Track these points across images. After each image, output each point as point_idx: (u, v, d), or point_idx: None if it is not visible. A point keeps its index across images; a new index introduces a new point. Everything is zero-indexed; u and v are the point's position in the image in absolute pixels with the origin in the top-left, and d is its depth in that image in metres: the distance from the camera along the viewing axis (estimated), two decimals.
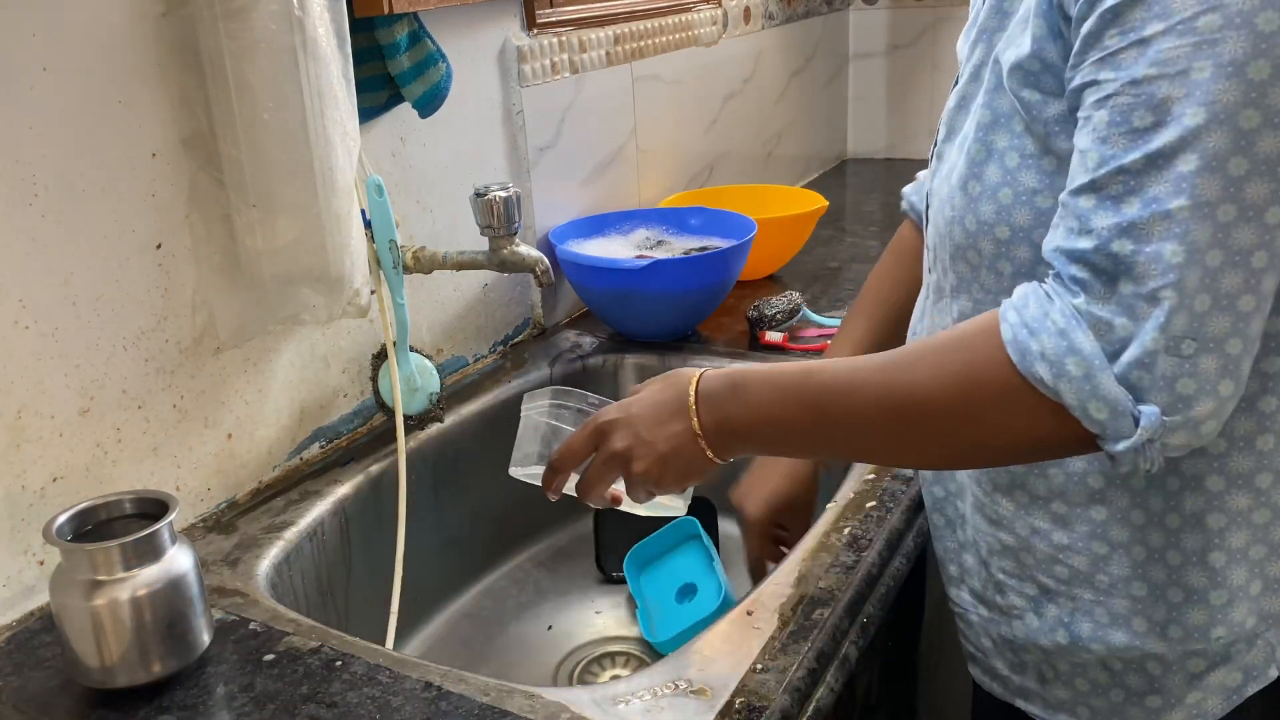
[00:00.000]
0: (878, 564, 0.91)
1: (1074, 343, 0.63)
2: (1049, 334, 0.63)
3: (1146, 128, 0.61)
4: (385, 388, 1.17)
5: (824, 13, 2.38)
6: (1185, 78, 0.59)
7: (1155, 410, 0.62)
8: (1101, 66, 0.63)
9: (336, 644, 0.82)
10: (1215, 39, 0.59)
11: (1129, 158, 0.61)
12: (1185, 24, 0.59)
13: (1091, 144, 0.63)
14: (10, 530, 0.87)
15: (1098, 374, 0.62)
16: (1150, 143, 0.61)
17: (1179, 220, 0.60)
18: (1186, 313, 0.60)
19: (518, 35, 1.38)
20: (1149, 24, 0.60)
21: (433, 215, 1.27)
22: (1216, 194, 0.59)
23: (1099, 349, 0.62)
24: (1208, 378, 0.61)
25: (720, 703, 0.74)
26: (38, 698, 0.78)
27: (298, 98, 0.91)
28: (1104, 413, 0.62)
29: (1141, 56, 0.61)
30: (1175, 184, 0.60)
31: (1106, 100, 0.63)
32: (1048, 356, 0.63)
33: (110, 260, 0.91)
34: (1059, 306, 0.64)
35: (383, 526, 1.11)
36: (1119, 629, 0.77)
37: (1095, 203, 0.63)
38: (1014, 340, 0.65)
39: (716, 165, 1.94)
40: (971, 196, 0.75)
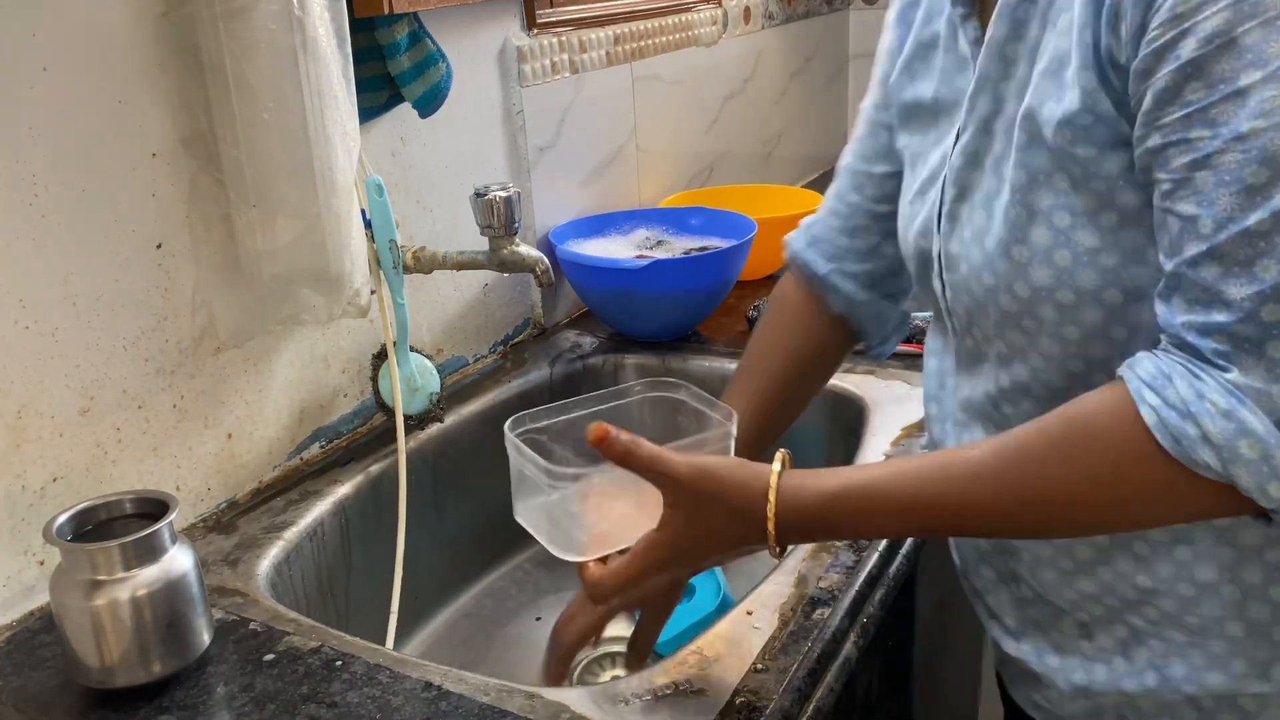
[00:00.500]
0: (878, 564, 0.91)
1: (1244, 424, 0.58)
2: (1209, 416, 0.59)
3: (1263, 184, 0.57)
4: (385, 388, 1.17)
5: (824, 13, 2.38)
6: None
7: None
8: (1190, 124, 0.59)
9: (336, 644, 0.82)
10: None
11: (1252, 219, 0.57)
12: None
13: (1200, 209, 0.59)
14: (10, 530, 0.87)
15: (1275, 452, 0.58)
16: (1273, 199, 0.57)
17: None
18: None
19: (518, 35, 1.38)
20: (1242, 74, 0.57)
21: (433, 215, 1.27)
22: None
23: (1271, 427, 0.58)
24: None
25: (720, 703, 0.74)
26: (38, 698, 0.78)
27: (298, 98, 0.91)
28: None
29: (1241, 109, 0.57)
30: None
31: (1208, 160, 0.58)
32: (1213, 441, 0.59)
33: (110, 260, 0.91)
34: (1213, 385, 0.59)
35: (383, 526, 1.11)
36: (1216, 670, 0.72)
37: (1222, 271, 0.59)
38: (1162, 425, 0.60)
39: (716, 165, 1.94)
40: (1019, 262, 0.70)
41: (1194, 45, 0.58)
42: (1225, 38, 0.57)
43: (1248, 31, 0.57)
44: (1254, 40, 0.56)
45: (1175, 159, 0.60)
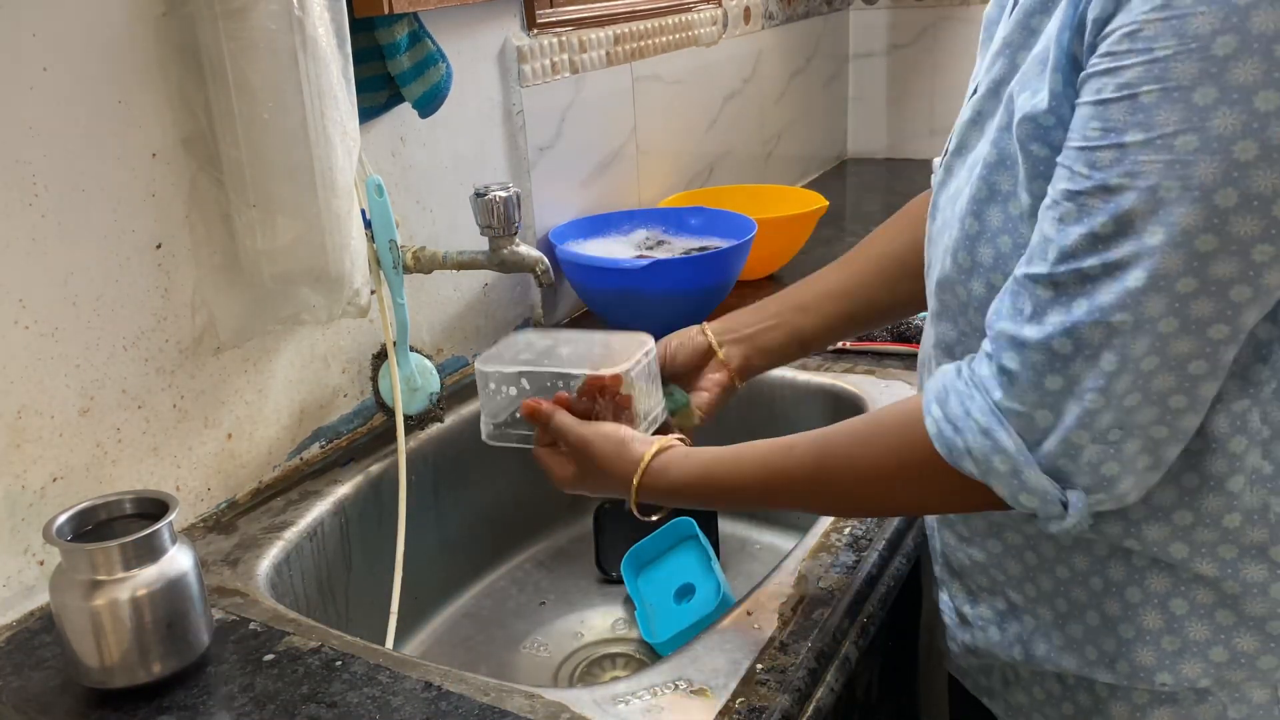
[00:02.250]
0: (878, 564, 0.91)
1: (998, 442, 0.66)
2: (972, 433, 0.67)
3: (1108, 235, 0.61)
4: (385, 388, 1.17)
5: (824, 13, 2.38)
6: (1153, 195, 0.59)
7: (1081, 494, 0.65)
8: (1079, 157, 0.63)
9: (336, 644, 0.82)
10: (1189, 160, 0.58)
11: (1087, 263, 0.62)
12: (1164, 140, 0.59)
13: (1056, 235, 0.64)
14: (10, 530, 0.87)
15: (1023, 469, 0.65)
16: (1108, 253, 0.61)
17: (1120, 332, 0.62)
18: (1115, 410, 0.63)
19: (518, 35, 1.38)
20: (1129, 130, 0.60)
21: (433, 215, 1.27)
22: (1162, 310, 0.61)
23: (1022, 445, 0.65)
24: (1129, 458, 0.64)
25: (720, 703, 0.74)
26: (38, 698, 0.78)
27: (298, 98, 0.91)
28: (1034, 501, 0.66)
29: (1117, 163, 0.61)
30: (1121, 298, 0.61)
31: (1077, 196, 0.62)
32: (974, 454, 0.67)
33: (110, 260, 0.91)
34: (979, 404, 0.67)
35: (383, 526, 1.11)
36: (1072, 654, 0.77)
37: (1052, 296, 0.64)
38: (939, 435, 0.69)
39: (716, 165, 1.94)
40: (970, 234, 0.73)
41: (1112, 87, 0.61)
42: (1131, 90, 0.60)
43: (1149, 93, 0.59)
44: (1149, 102, 0.59)
45: (1060, 182, 0.64)
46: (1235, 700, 0.73)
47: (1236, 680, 0.72)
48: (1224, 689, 0.73)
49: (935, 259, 0.79)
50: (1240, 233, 0.58)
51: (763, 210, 1.64)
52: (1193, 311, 0.60)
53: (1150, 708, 0.75)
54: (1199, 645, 0.72)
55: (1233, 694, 0.73)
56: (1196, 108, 0.57)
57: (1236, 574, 0.70)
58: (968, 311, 0.76)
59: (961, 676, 0.90)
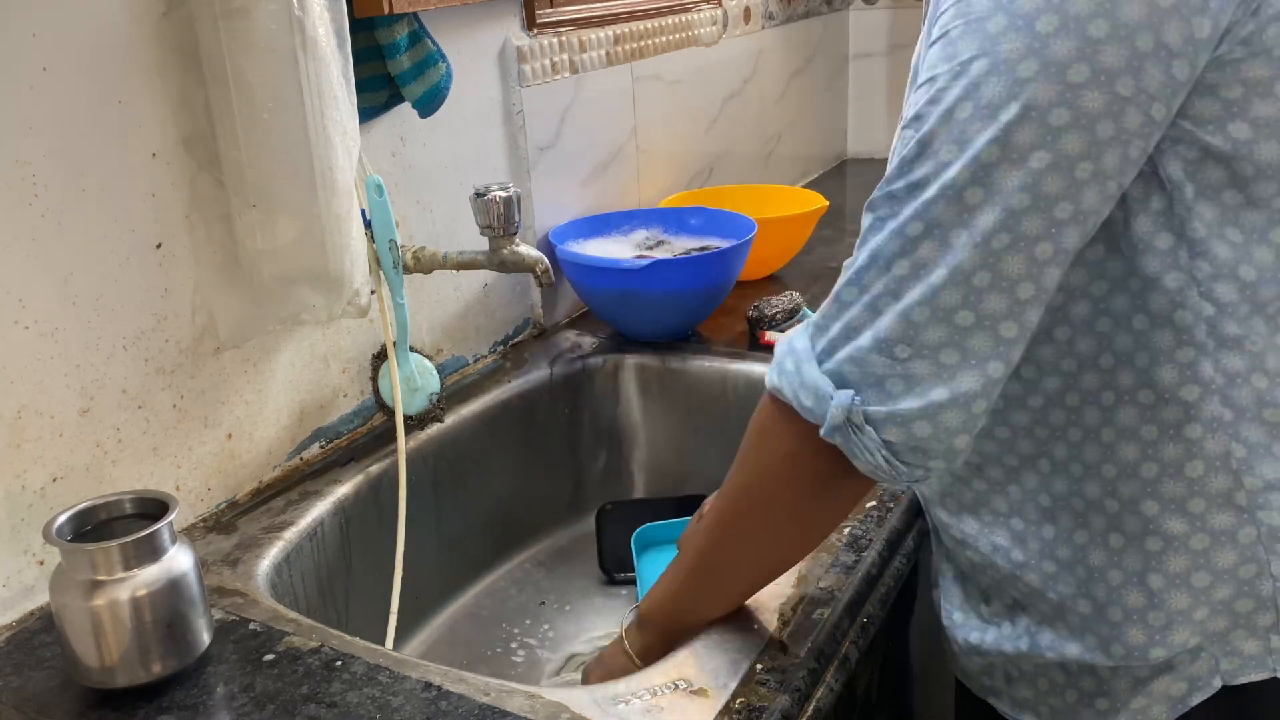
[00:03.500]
0: (878, 564, 0.91)
1: (792, 343, 0.71)
2: (779, 344, 0.72)
3: (912, 158, 0.66)
4: (385, 388, 1.18)
5: (824, 13, 2.38)
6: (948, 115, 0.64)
7: (849, 392, 0.67)
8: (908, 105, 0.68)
9: (336, 644, 0.82)
10: (980, 82, 0.63)
11: (896, 185, 0.67)
12: (962, 66, 0.64)
13: (887, 170, 0.69)
14: (10, 530, 0.87)
15: (804, 364, 0.69)
16: (913, 173, 0.66)
17: (911, 240, 0.65)
18: (903, 321, 0.65)
19: (518, 35, 1.38)
20: (939, 65, 0.65)
21: (433, 215, 1.27)
22: (951, 219, 0.64)
23: (809, 345, 0.69)
24: (918, 380, 0.65)
25: (720, 703, 0.74)
26: (38, 698, 0.78)
27: (298, 98, 0.91)
28: (810, 399, 0.68)
29: (926, 96, 0.66)
30: (918, 211, 0.65)
31: (902, 132, 0.68)
32: (776, 365, 0.72)
33: (110, 260, 0.91)
34: (798, 329, 0.72)
35: (383, 526, 1.11)
36: (1073, 642, 0.78)
37: (870, 223, 0.68)
38: (767, 374, 0.73)
39: (716, 165, 1.94)
40: None
41: (936, 35, 0.67)
42: (944, 31, 0.65)
43: (956, 28, 0.65)
44: (955, 35, 0.65)
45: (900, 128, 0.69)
46: (1227, 653, 0.74)
47: (1221, 629, 0.74)
48: (1213, 642, 0.74)
49: None
50: (1022, 142, 0.62)
51: (763, 210, 1.64)
52: (979, 222, 0.63)
53: (1150, 679, 0.76)
54: (1182, 613, 0.73)
55: (1223, 647, 0.74)
56: (989, 34, 0.63)
57: (1205, 525, 0.72)
58: None
59: (966, 679, 0.90)
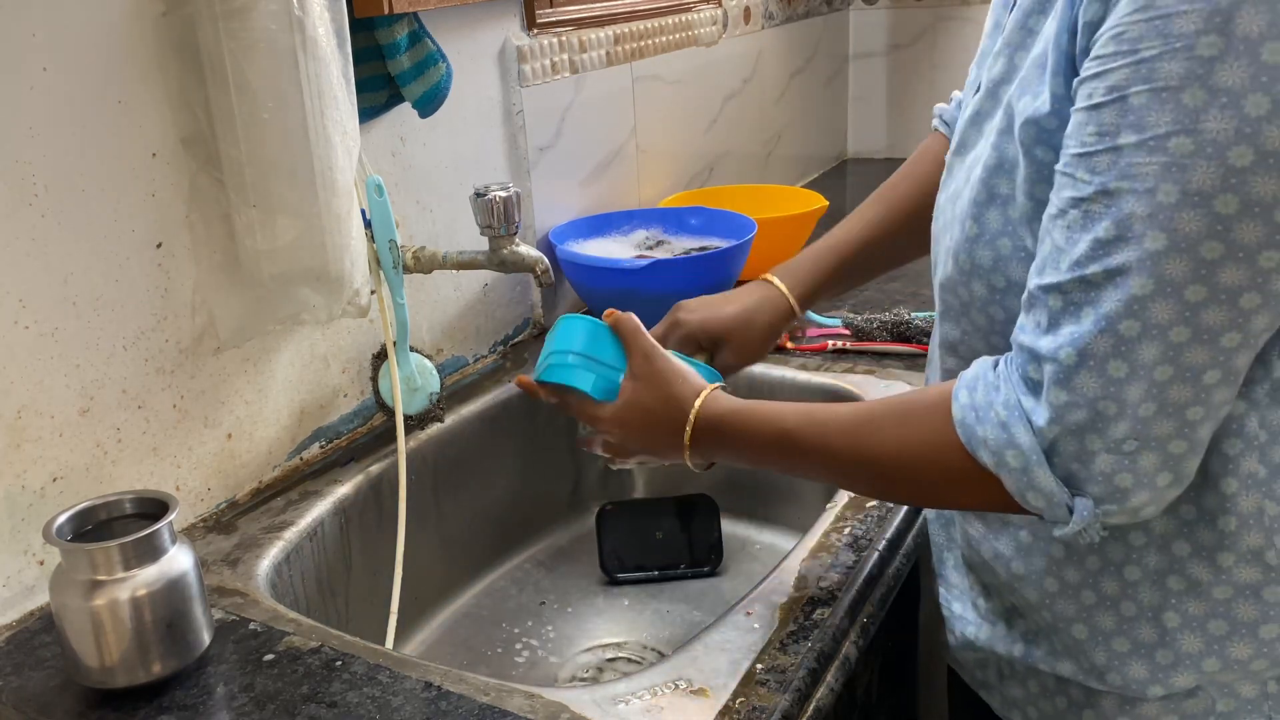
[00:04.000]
0: (878, 564, 0.91)
1: (1013, 436, 0.65)
2: (992, 424, 0.66)
3: (1110, 240, 0.60)
4: (385, 388, 1.17)
5: (824, 13, 2.38)
6: (1151, 198, 0.59)
7: (1089, 503, 0.65)
8: (1079, 163, 0.62)
9: (336, 644, 0.82)
10: (1185, 164, 0.57)
11: (1090, 269, 0.62)
12: (1157, 141, 0.58)
13: (1065, 243, 0.63)
14: (10, 530, 0.87)
15: (1034, 468, 0.65)
16: (1110, 259, 0.61)
17: (1126, 340, 0.61)
18: (1130, 420, 0.62)
19: (518, 35, 1.38)
20: (1123, 132, 0.59)
21: (433, 215, 1.27)
22: (1170, 318, 0.60)
23: (1036, 445, 0.65)
24: (1146, 472, 0.63)
25: (720, 703, 0.74)
26: (38, 698, 0.78)
27: (298, 98, 0.91)
28: (1040, 502, 0.66)
29: (1114, 166, 0.60)
30: (1127, 304, 0.60)
31: (1080, 203, 0.62)
32: (989, 446, 0.66)
33: (110, 260, 0.91)
34: (1003, 397, 0.66)
35: (383, 526, 1.11)
36: (1065, 660, 0.77)
37: (1062, 306, 0.64)
38: (962, 422, 0.68)
39: (716, 165, 1.94)
40: (969, 237, 0.74)
41: (1102, 91, 0.61)
42: (1120, 93, 0.59)
43: (1138, 94, 0.59)
44: (1139, 103, 0.59)
45: (1064, 189, 0.63)
46: (1224, 695, 0.73)
47: (1227, 681, 0.73)
48: (1214, 687, 0.73)
49: (939, 259, 0.80)
50: (1245, 239, 0.58)
51: (763, 210, 1.64)
52: (1203, 320, 0.60)
53: (1139, 703, 0.75)
54: (1192, 657, 0.72)
55: (1221, 690, 0.73)
56: (1186, 109, 0.57)
57: (1231, 578, 0.70)
58: (970, 312, 0.76)
59: (959, 669, 0.90)
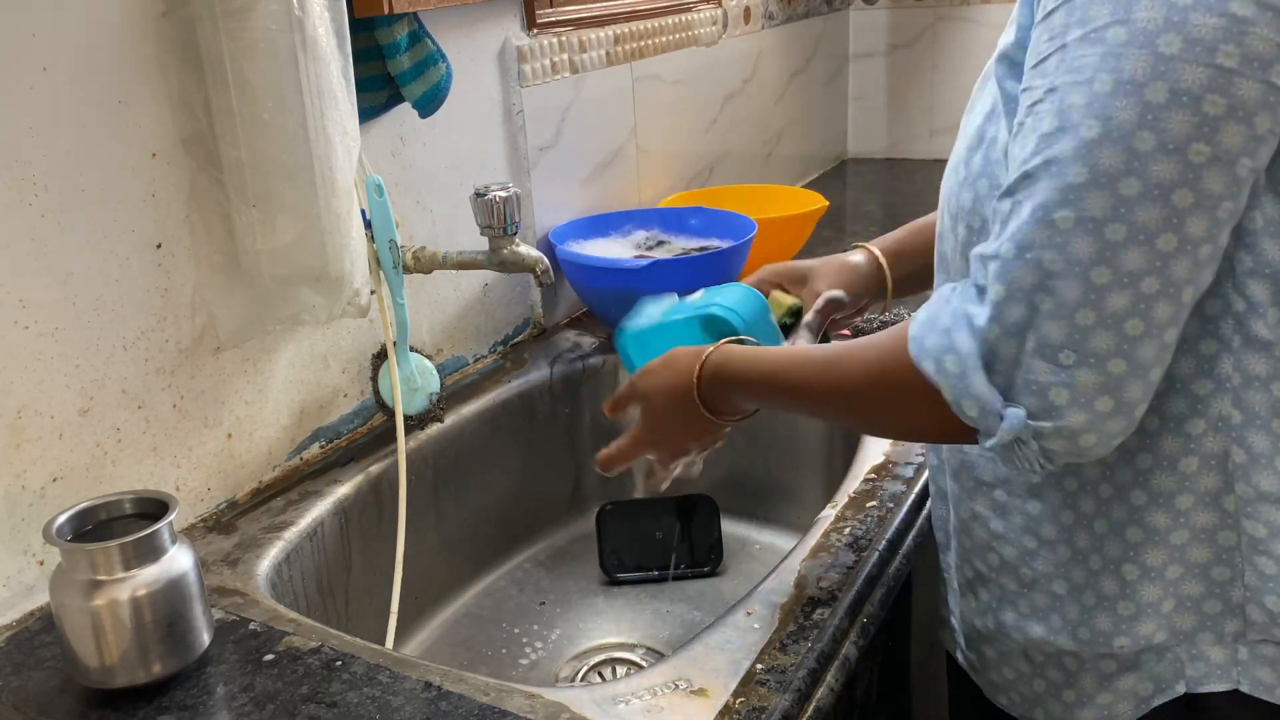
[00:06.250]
0: (878, 564, 0.91)
1: (954, 341, 0.65)
2: (937, 332, 0.67)
3: (1051, 132, 0.60)
4: (385, 388, 1.17)
5: (824, 13, 2.38)
6: (1089, 88, 0.59)
7: (1020, 412, 0.63)
8: (1034, 74, 0.62)
9: (336, 644, 0.82)
10: (1119, 52, 0.58)
11: (1032, 163, 0.61)
12: (1096, 33, 0.59)
13: (1020, 150, 0.63)
14: (10, 530, 0.87)
15: (970, 373, 0.64)
16: (1050, 149, 0.60)
17: (1061, 230, 0.60)
18: (1066, 324, 0.61)
19: (518, 35, 1.38)
20: (1070, 30, 0.60)
21: (433, 215, 1.27)
22: (1105, 211, 0.59)
23: (975, 349, 0.64)
24: (1083, 390, 0.62)
25: (720, 703, 0.74)
26: (38, 698, 0.78)
27: (298, 98, 0.91)
28: (974, 409, 0.65)
29: (1060, 64, 0.60)
30: (1062, 192, 0.60)
31: (1033, 108, 0.62)
32: (931, 353, 0.66)
33: (110, 260, 0.91)
34: (952, 308, 0.66)
35: (383, 526, 1.11)
36: (1037, 622, 0.78)
37: (1010, 207, 0.63)
38: (913, 338, 0.68)
39: (716, 165, 1.94)
40: (959, 180, 0.75)
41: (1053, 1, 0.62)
42: None
43: None
44: None
45: (1024, 103, 0.64)
46: (1193, 657, 0.74)
47: (1187, 629, 0.73)
48: (1180, 642, 0.74)
49: (939, 212, 0.81)
50: (1173, 130, 0.57)
51: (763, 210, 1.64)
52: (1138, 217, 0.59)
53: (1116, 675, 0.76)
54: (1152, 605, 0.73)
55: (1189, 649, 0.74)
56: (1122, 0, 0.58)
57: (1188, 521, 0.71)
58: (956, 258, 0.77)
59: (952, 650, 0.91)
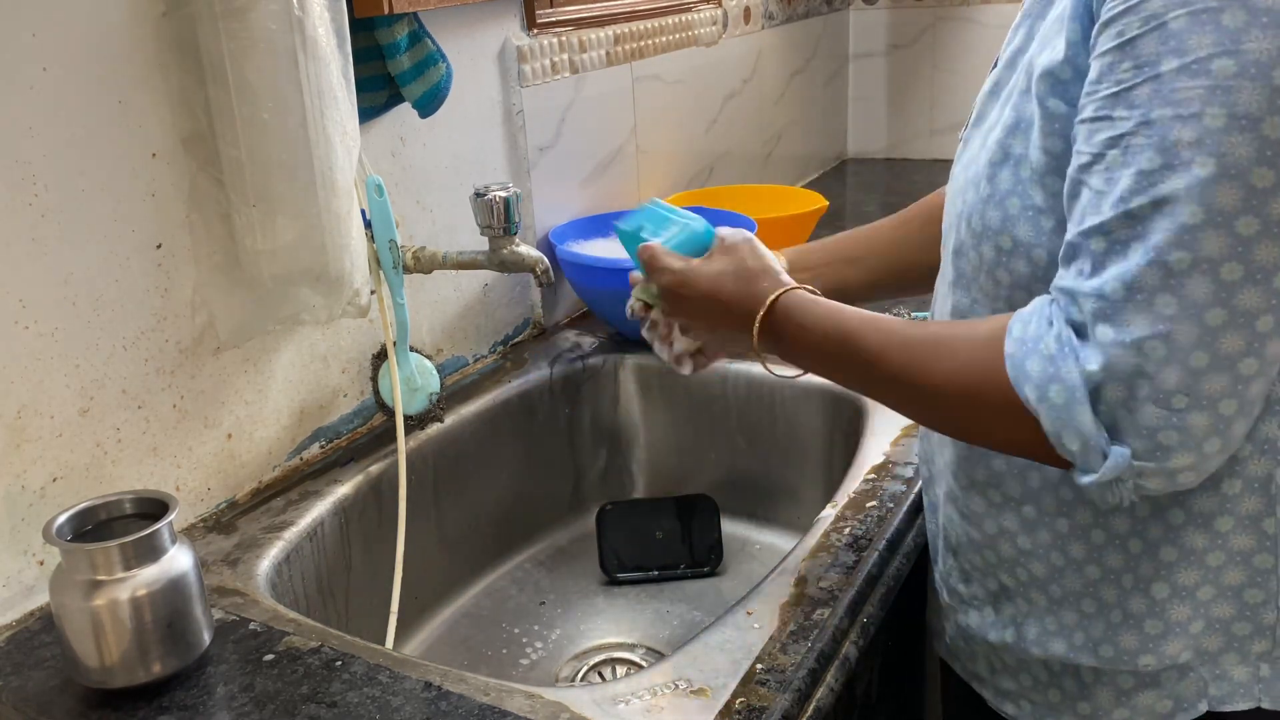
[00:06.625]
0: (878, 564, 0.91)
1: (1060, 371, 0.63)
2: (1039, 357, 0.64)
3: (1154, 170, 0.58)
4: (385, 388, 1.17)
5: (824, 13, 2.38)
6: (1198, 122, 0.57)
7: (1126, 452, 0.62)
8: (1116, 102, 0.60)
9: (336, 644, 0.82)
10: (1230, 86, 0.56)
11: (1135, 203, 0.59)
12: (1200, 64, 0.56)
13: (1107, 185, 0.61)
14: (10, 530, 0.87)
15: (1076, 405, 0.62)
16: (1157, 188, 0.58)
17: (1176, 273, 0.58)
18: (1180, 369, 0.59)
19: (518, 35, 1.38)
20: (1163, 60, 0.58)
21: (433, 215, 1.27)
22: (1221, 251, 0.57)
23: (1082, 383, 0.62)
24: (1194, 434, 0.60)
25: (720, 703, 0.74)
26: (38, 698, 0.78)
27: (298, 98, 0.91)
28: (1076, 444, 0.63)
29: (1156, 95, 0.58)
30: (1177, 234, 0.58)
31: (1121, 139, 0.60)
32: (1034, 379, 0.64)
33: (110, 260, 0.91)
34: (1055, 332, 0.64)
35: (383, 526, 1.11)
36: (1060, 639, 0.77)
37: (1106, 246, 0.61)
38: (1011, 356, 0.66)
39: (716, 165, 1.94)
40: (982, 197, 0.73)
41: (1136, 24, 0.60)
42: (1158, 20, 0.58)
43: (1176, 18, 0.58)
44: (1179, 27, 0.58)
45: (1098, 133, 0.62)
46: (1216, 677, 0.73)
47: (1213, 650, 0.73)
48: (1204, 663, 0.73)
49: (950, 226, 0.79)
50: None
51: (763, 210, 1.64)
52: (1256, 256, 0.57)
53: (1135, 691, 0.75)
54: (1180, 624, 0.72)
55: (1213, 669, 0.73)
56: (1227, 30, 0.56)
57: (1226, 544, 0.70)
58: (979, 277, 0.75)
59: (951, 660, 0.90)
